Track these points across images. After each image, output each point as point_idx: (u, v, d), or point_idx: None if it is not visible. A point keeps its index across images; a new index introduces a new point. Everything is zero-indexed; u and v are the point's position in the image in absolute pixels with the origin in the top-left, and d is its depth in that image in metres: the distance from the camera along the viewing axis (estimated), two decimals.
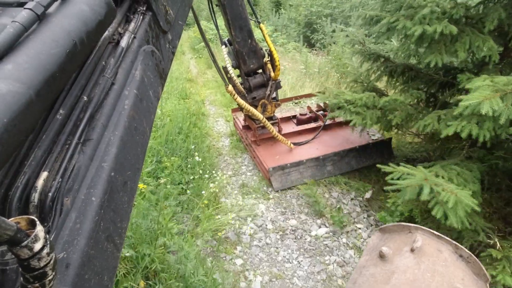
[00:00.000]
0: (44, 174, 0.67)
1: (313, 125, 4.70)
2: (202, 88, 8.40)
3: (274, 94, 4.30)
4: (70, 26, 0.69)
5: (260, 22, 3.80)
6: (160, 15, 1.16)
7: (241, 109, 4.04)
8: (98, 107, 0.81)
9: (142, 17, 1.07)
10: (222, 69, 3.79)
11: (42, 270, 0.51)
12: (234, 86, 3.87)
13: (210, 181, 3.97)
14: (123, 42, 0.95)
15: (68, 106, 0.75)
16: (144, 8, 1.08)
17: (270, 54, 3.92)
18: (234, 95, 3.68)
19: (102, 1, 0.79)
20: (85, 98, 0.79)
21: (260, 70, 4.09)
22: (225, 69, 3.78)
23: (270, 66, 4.01)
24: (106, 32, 0.91)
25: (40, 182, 0.65)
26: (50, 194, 0.66)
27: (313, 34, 12.02)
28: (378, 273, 1.62)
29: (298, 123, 4.82)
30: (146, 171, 3.50)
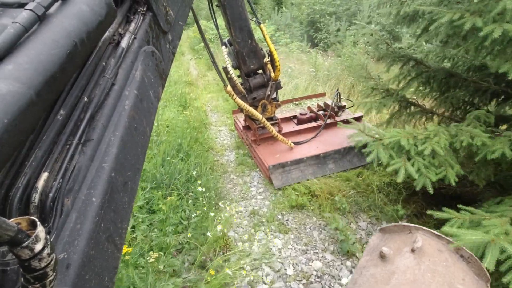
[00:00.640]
0: (44, 175, 0.67)
1: (313, 124, 4.70)
2: (203, 92, 7.94)
3: (274, 95, 4.29)
4: (70, 27, 0.69)
5: (260, 23, 3.80)
6: (160, 16, 1.16)
7: (241, 109, 4.04)
8: (99, 108, 0.81)
9: (142, 17, 1.07)
10: (222, 69, 3.79)
11: (42, 270, 0.51)
12: (235, 86, 3.86)
13: (216, 217, 3.30)
14: (124, 43, 0.95)
15: (68, 107, 0.75)
16: (144, 8, 1.08)
17: (270, 55, 3.91)
18: (233, 96, 3.68)
19: (102, 1, 0.79)
20: (85, 99, 0.79)
21: (260, 71, 4.09)
22: (225, 69, 3.77)
23: (270, 66, 4.01)
24: (107, 32, 0.91)
25: (40, 183, 0.65)
26: (51, 195, 0.66)
27: (316, 33, 11.77)
28: (378, 273, 1.62)
29: (299, 123, 4.82)
30: (138, 205, 2.99)
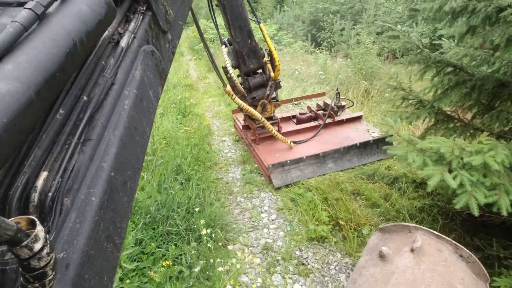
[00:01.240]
0: (44, 174, 0.67)
1: (313, 123, 4.70)
2: (204, 96, 7.47)
3: (274, 94, 4.30)
4: (70, 26, 0.69)
5: (260, 22, 3.80)
6: (160, 15, 1.16)
7: (240, 109, 4.04)
8: (98, 107, 0.81)
9: (142, 17, 1.07)
10: (222, 69, 3.79)
11: (42, 270, 0.51)
12: (234, 86, 3.87)
13: (224, 263, 2.74)
14: (123, 42, 0.95)
15: (68, 106, 0.75)
16: (144, 8, 1.08)
17: (270, 54, 3.92)
18: (232, 96, 3.68)
19: (102, 1, 0.79)
20: (85, 98, 0.79)
21: (260, 70, 4.09)
22: (225, 69, 3.78)
23: (270, 66, 4.02)
24: (106, 32, 0.91)
25: (40, 182, 0.65)
26: (50, 194, 0.66)
27: (319, 32, 11.49)
28: (378, 273, 1.62)
29: (298, 123, 4.83)
30: (125, 254, 2.45)
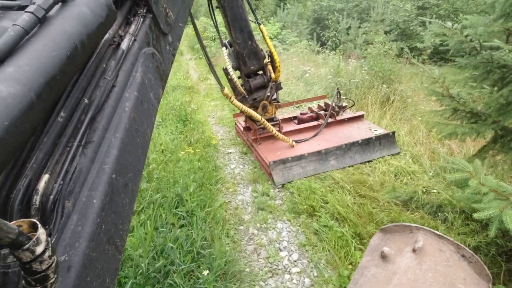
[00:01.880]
0: (45, 177, 0.67)
1: (314, 123, 4.70)
2: (205, 100, 6.97)
3: (275, 95, 4.30)
4: (71, 29, 0.69)
5: (260, 24, 3.80)
6: (160, 17, 1.16)
7: (241, 111, 4.05)
8: (99, 109, 0.81)
9: (142, 19, 1.07)
10: (222, 70, 3.79)
11: (44, 273, 0.51)
12: (235, 87, 3.87)
13: None
14: (124, 45, 0.96)
15: (69, 109, 0.76)
16: (144, 10, 1.08)
17: (271, 55, 3.92)
18: (230, 98, 3.67)
19: (102, 3, 0.79)
20: (86, 101, 0.79)
21: (260, 72, 4.10)
22: (225, 70, 3.78)
23: (270, 67, 4.02)
24: (107, 34, 0.91)
25: (41, 185, 0.65)
26: (52, 197, 0.66)
27: (323, 31, 11.21)
28: (379, 273, 1.62)
29: (299, 123, 4.83)
30: None
